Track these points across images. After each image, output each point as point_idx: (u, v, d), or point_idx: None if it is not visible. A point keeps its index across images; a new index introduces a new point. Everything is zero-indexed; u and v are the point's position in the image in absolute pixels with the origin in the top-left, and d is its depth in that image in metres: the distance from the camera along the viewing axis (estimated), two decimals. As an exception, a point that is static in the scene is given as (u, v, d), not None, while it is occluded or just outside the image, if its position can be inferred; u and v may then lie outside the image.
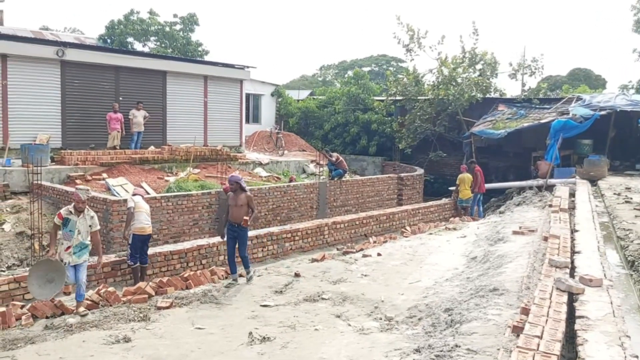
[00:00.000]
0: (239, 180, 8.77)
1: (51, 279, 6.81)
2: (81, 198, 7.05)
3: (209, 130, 20.77)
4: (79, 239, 7.03)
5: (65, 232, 6.99)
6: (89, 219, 7.17)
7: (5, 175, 12.99)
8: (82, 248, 7.09)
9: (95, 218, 7.25)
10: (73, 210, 7.04)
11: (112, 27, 30.21)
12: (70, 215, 7.02)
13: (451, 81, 22.59)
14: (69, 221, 7.01)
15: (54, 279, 6.80)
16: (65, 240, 7.01)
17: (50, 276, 6.81)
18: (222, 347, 5.75)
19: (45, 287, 6.78)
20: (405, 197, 18.99)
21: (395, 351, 5.42)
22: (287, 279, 8.66)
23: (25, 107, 15.67)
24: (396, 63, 52.26)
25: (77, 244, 7.02)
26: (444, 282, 8.07)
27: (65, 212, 7.06)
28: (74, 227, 7.00)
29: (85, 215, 7.13)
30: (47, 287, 6.79)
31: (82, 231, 7.06)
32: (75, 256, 7.01)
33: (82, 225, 7.06)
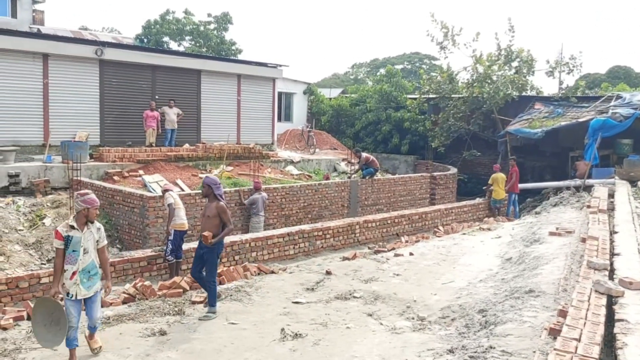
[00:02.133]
0: (212, 184, 6.95)
1: (56, 320, 5.23)
2: (97, 204, 5.39)
3: (241, 128, 21.01)
4: (86, 260, 5.27)
5: (68, 253, 5.21)
6: (96, 232, 5.40)
7: (46, 171, 13.41)
8: (92, 273, 5.34)
9: (102, 230, 5.53)
10: (76, 224, 5.26)
11: (149, 26, 30.85)
12: (72, 231, 5.22)
13: (486, 79, 22.23)
14: (71, 239, 5.21)
15: (59, 321, 5.22)
16: (68, 265, 5.23)
17: (56, 316, 5.23)
18: (254, 343, 5.81)
19: (52, 330, 5.26)
20: (438, 196, 18.80)
21: (428, 351, 5.38)
22: (319, 276, 8.68)
23: (65, 105, 16.16)
24: (429, 61, 51.75)
25: (84, 267, 5.25)
26: (478, 283, 7.96)
27: (65, 229, 5.23)
28: (78, 246, 5.23)
29: (92, 227, 5.35)
30: (54, 331, 5.25)
31: (90, 249, 5.31)
32: (83, 286, 5.27)
33: (88, 241, 5.30)
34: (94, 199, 5.36)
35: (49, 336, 5.24)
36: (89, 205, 5.28)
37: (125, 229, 11.91)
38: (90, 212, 5.30)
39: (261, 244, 10.43)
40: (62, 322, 5.18)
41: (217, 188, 6.93)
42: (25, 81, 15.41)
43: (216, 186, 6.93)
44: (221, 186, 7.08)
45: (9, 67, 15.14)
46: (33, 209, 12.08)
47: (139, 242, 11.34)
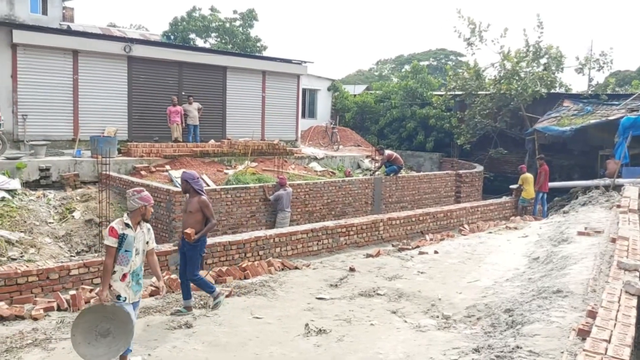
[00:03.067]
0: (189, 179, 6.68)
1: (104, 331, 4.66)
2: (152, 202, 5.09)
3: (266, 124, 21.13)
4: (137, 262, 4.95)
5: (121, 253, 4.86)
6: (147, 233, 5.10)
7: (75, 165, 13.70)
8: (140, 277, 5.04)
9: (152, 231, 5.22)
10: (131, 222, 4.93)
11: (176, 23, 31.21)
12: (127, 230, 4.89)
13: (514, 75, 21.89)
14: (125, 238, 4.86)
15: (109, 331, 4.67)
16: (120, 266, 4.85)
17: (102, 328, 4.66)
18: (279, 337, 5.85)
19: (99, 344, 4.65)
20: (463, 194, 18.60)
21: (453, 350, 5.35)
22: (342, 273, 8.69)
23: (94, 100, 16.48)
24: (455, 57, 51.22)
25: (134, 269, 4.94)
26: (504, 282, 7.86)
27: (121, 226, 4.89)
28: (131, 246, 4.88)
29: (143, 226, 5.05)
30: (102, 345, 4.65)
31: (141, 249, 5.01)
32: (132, 290, 4.93)
33: (140, 241, 4.98)
34: (150, 197, 5.07)
35: (99, 351, 4.64)
36: (146, 203, 4.98)
37: (152, 223, 12.03)
38: (147, 210, 5.00)
39: (285, 240, 10.46)
40: (115, 332, 4.66)
41: (196, 182, 6.71)
42: (56, 77, 15.77)
43: (194, 180, 6.71)
44: (200, 180, 6.85)
45: (40, 63, 15.50)
46: (63, 202, 12.36)
47: (166, 235, 11.51)
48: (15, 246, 10.19)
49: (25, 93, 15.26)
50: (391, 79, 46.30)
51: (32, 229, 11.01)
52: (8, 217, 11.02)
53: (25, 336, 5.71)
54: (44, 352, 5.35)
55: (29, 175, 12.92)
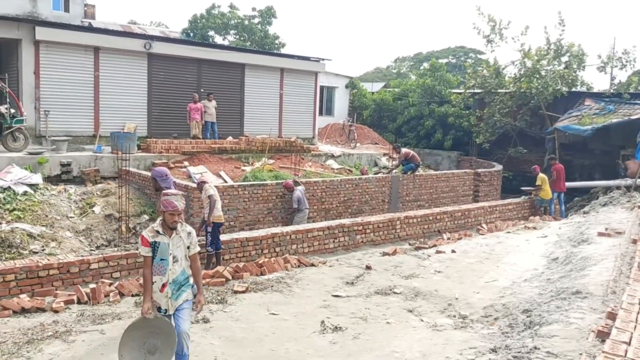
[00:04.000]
0: (157, 177, 6.39)
1: (152, 348, 4.48)
2: (177, 207, 4.49)
3: (283, 121, 21.18)
4: (176, 270, 4.53)
5: (156, 263, 4.53)
6: (187, 237, 4.60)
7: (96, 160, 13.89)
8: (182, 283, 4.60)
9: (194, 235, 4.69)
10: (162, 229, 4.52)
11: (195, 21, 31.40)
12: (159, 237, 4.52)
13: (534, 74, 21.62)
14: (158, 246, 4.51)
15: (156, 347, 4.48)
16: (157, 276, 4.53)
17: (150, 344, 4.48)
18: (295, 334, 5.88)
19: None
20: (481, 193, 18.45)
21: (470, 349, 5.32)
22: (358, 270, 8.68)
23: (114, 97, 16.68)
24: (475, 55, 50.73)
25: (174, 278, 4.53)
26: (523, 282, 7.79)
27: (151, 234, 4.52)
28: (166, 254, 4.50)
29: (180, 231, 4.57)
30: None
31: (180, 257, 4.56)
32: (174, 298, 4.56)
33: (178, 247, 4.56)
34: (171, 202, 4.48)
35: None
36: (164, 208, 4.49)
37: (170, 219, 12.19)
38: (167, 217, 4.49)
39: (301, 237, 10.50)
40: (162, 348, 4.45)
41: (164, 180, 6.36)
42: (77, 73, 15.99)
43: (162, 178, 6.37)
44: (169, 178, 6.46)
45: (62, 60, 15.74)
46: (83, 197, 12.55)
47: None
48: (36, 240, 10.38)
49: (48, 89, 15.50)
50: (409, 76, 46.05)
51: (54, 223, 11.20)
52: (30, 211, 11.22)
53: (46, 328, 5.82)
54: (64, 344, 5.44)
55: (51, 170, 13.14)
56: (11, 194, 11.50)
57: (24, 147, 13.36)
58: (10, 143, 13.12)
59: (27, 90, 15.22)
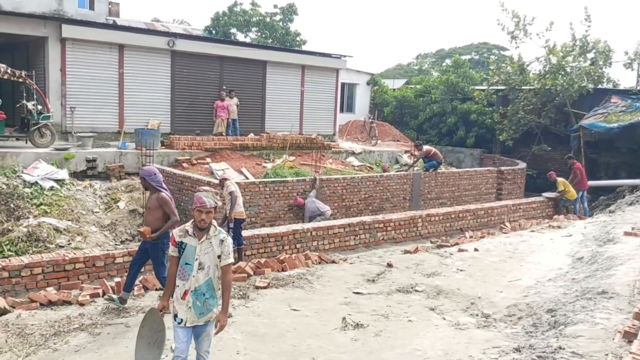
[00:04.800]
0: (146, 176, 6.32)
1: (160, 341, 4.64)
2: (205, 204, 4.02)
3: (304, 118, 21.22)
4: (200, 278, 4.07)
5: (181, 265, 4.12)
6: (218, 245, 4.10)
7: (121, 156, 14.10)
8: (207, 297, 4.12)
9: (228, 243, 4.15)
10: (192, 229, 4.11)
11: (217, 18, 31.58)
12: (187, 238, 4.11)
13: (559, 70, 21.25)
14: (184, 247, 4.10)
15: (162, 342, 4.64)
16: (181, 281, 4.13)
17: (160, 337, 4.63)
18: (316, 330, 5.89)
19: (152, 352, 4.63)
20: (505, 191, 18.22)
21: (493, 349, 5.26)
22: (380, 268, 8.66)
23: (138, 94, 16.90)
24: (498, 51, 50.10)
25: (197, 287, 4.07)
26: (547, 282, 7.69)
27: (180, 233, 4.13)
28: (191, 258, 4.07)
29: (212, 237, 4.10)
30: (154, 354, 4.63)
31: (208, 265, 4.07)
32: (196, 311, 4.10)
33: (206, 254, 4.07)
34: (201, 199, 4.03)
35: (148, 357, 4.57)
36: (193, 205, 4.08)
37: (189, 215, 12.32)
38: (194, 214, 4.07)
39: (322, 234, 10.50)
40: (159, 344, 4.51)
41: (153, 179, 6.29)
42: (102, 71, 16.24)
43: (150, 177, 6.30)
44: (158, 175, 6.39)
45: (88, 57, 15.99)
46: (108, 192, 12.76)
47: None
48: (63, 234, 10.59)
49: (74, 86, 15.77)
50: (431, 73, 45.68)
51: (79, 217, 11.41)
52: (57, 206, 11.45)
53: (72, 321, 5.93)
54: (90, 337, 5.54)
55: (77, 166, 13.38)
56: (38, 189, 11.75)
57: (50, 143, 13.62)
58: (37, 139, 13.39)
59: (53, 87, 15.51)
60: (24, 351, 5.14)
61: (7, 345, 5.27)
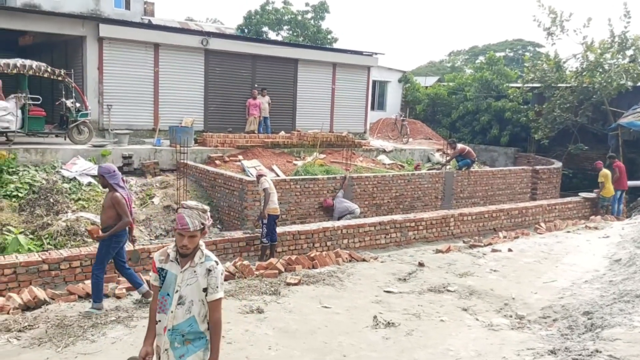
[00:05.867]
0: (105, 173, 6.18)
1: None
2: (187, 226, 3.26)
3: (335, 116, 21.21)
4: (179, 315, 3.30)
5: (161, 296, 3.40)
6: (204, 275, 3.30)
7: (155, 153, 14.37)
8: (189, 338, 3.33)
9: (217, 272, 3.32)
10: (174, 254, 3.37)
11: (249, 17, 31.84)
12: (168, 264, 3.38)
13: (597, 67, 20.70)
14: (165, 275, 3.37)
15: None
16: (160, 314, 3.40)
17: None
18: (347, 328, 5.90)
19: None
20: (540, 191, 17.87)
21: (527, 350, 5.18)
22: (411, 267, 8.60)
23: (173, 92, 17.18)
24: (533, 48, 49.07)
25: (176, 325, 3.30)
26: (583, 283, 7.51)
27: (160, 258, 3.42)
28: (170, 289, 3.34)
29: (197, 264, 3.33)
30: None
31: (188, 299, 3.30)
32: (175, 353, 3.32)
33: (188, 285, 3.30)
34: (182, 218, 3.26)
35: None
36: (175, 226, 3.33)
37: (225, 211, 12.51)
38: (176, 238, 3.34)
39: (352, 232, 10.52)
40: None
41: (111, 177, 6.19)
42: (138, 69, 16.56)
43: (109, 175, 6.19)
44: (117, 174, 6.29)
45: (124, 56, 16.34)
46: (143, 188, 13.03)
47: (238, 223, 11.86)
48: (100, 229, 10.85)
49: (110, 84, 16.13)
50: (464, 70, 45.07)
51: (115, 213, 11.67)
52: (94, 201, 11.76)
53: (109, 313, 6.09)
54: (126, 329, 5.68)
55: (113, 162, 13.65)
56: (76, 184, 12.09)
57: (88, 140, 13.97)
58: (75, 136, 13.75)
59: (91, 85, 15.90)
60: (63, 342, 5.30)
61: (47, 335, 5.45)
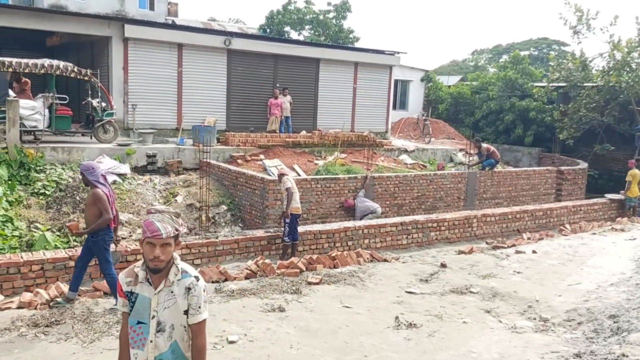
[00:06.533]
0: (85, 171, 6.19)
1: None
2: (158, 233, 2.69)
3: (356, 116, 21.18)
4: (160, 345, 2.77)
5: (131, 325, 2.83)
6: (183, 295, 2.78)
7: (179, 152, 14.54)
8: None
9: (198, 290, 2.79)
10: (143, 273, 2.81)
11: (272, 17, 31.97)
12: (137, 286, 2.82)
13: (624, 66, 20.28)
14: (135, 299, 2.82)
15: None
16: (133, 350, 2.83)
17: None
18: (368, 328, 5.89)
19: None
20: (564, 192, 17.59)
21: (551, 353, 5.11)
22: (433, 268, 8.55)
23: (196, 92, 17.35)
24: (558, 47, 48.32)
25: (158, 356, 2.78)
26: (609, 286, 7.38)
27: (127, 279, 2.85)
28: (146, 315, 2.79)
29: (173, 283, 2.79)
30: None
31: (168, 323, 2.78)
32: None
33: (166, 308, 2.78)
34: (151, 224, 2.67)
35: None
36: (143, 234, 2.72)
37: (247, 209, 12.59)
38: (145, 250, 2.70)
39: (374, 232, 10.49)
40: None
41: (90, 173, 6.17)
42: (162, 69, 16.78)
43: (88, 172, 6.17)
44: (97, 171, 6.25)
45: (149, 56, 16.56)
46: (167, 186, 13.20)
47: (259, 222, 11.93)
48: (124, 226, 11.04)
49: (135, 84, 16.37)
50: (487, 69, 44.57)
51: (140, 210, 11.86)
52: (119, 199, 11.94)
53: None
54: (151, 325, 5.74)
55: (137, 161, 13.89)
56: (102, 182, 12.29)
57: (113, 139, 14.20)
58: (101, 135, 13.99)
59: (116, 85, 16.15)
60: (89, 337, 5.40)
61: (73, 331, 5.55)
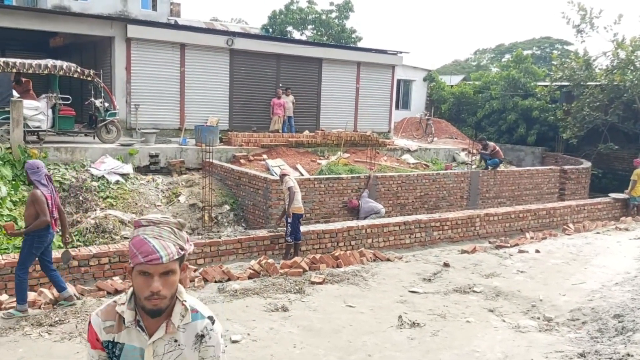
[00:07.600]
0: (28, 169, 5.94)
1: None
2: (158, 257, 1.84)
3: (359, 116, 21.18)
4: None
5: None
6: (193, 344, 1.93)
7: (181, 152, 14.55)
8: None
9: (215, 339, 1.97)
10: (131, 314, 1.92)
11: (274, 17, 31.98)
12: (122, 333, 1.91)
13: (628, 65, 20.22)
14: (120, 351, 1.91)
15: None
16: None
17: None
18: (372, 327, 5.87)
19: None
20: (568, 191, 17.54)
21: (555, 353, 5.09)
22: (436, 267, 8.53)
23: (198, 92, 17.37)
24: (561, 46, 48.19)
25: None
26: (613, 286, 7.35)
27: (106, 324, 1.93)
28: None
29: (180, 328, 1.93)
30: None
31: None
32: None
33: None
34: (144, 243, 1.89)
35: None
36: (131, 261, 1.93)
37: (250, 209, 12.59)
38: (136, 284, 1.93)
39: (377, 231, 10.48)
40: None
41: (34, 173, 5.88)
42: (165, 69, 16.79)
43: (32, 171, 5.89)
44: (41, 171, 5.94)
45: (151, 56, 16.58)
46: (170, 186, 13.21)
47: (262, 221, 11.93)
48: (127, 226, 11.05)
49: (138, 84, 16.39)
50: (490, 69, 44.49)
51: (142, 210, 11.87)
52: (122, 199, 11.97)
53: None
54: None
55: (140, 161, 13.91)
56: (105, 182, 12.32)
57: (116, 139, 14.22)
58: (104, 135, 14.01)
59: (119, 85, 16.17)
60: (93, 336, 5.39)
61: (77, 330, 5.55)
